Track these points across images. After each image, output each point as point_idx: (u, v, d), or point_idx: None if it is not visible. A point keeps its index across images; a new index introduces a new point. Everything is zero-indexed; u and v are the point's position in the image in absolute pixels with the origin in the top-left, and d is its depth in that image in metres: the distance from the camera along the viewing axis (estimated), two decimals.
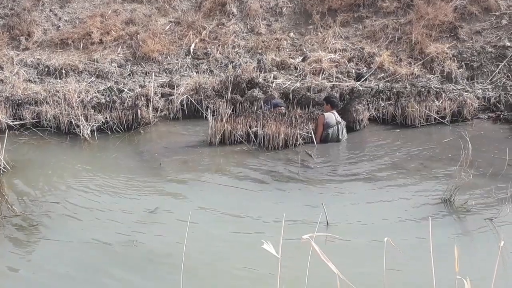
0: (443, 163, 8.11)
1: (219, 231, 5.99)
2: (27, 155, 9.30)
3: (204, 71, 12.20)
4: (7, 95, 11.14)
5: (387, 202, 6.79)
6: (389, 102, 10.58)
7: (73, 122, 10.26)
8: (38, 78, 12.01)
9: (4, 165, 8.14)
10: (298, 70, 11.92)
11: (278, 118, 9.61)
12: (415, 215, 6.27)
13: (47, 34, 13.29)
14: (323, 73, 11.67)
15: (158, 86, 11.63)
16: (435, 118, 10.17)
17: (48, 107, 10.66)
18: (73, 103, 10.59)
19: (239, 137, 9.44)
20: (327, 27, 12.88)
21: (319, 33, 12.78)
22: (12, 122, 10.62)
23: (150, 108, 10.88)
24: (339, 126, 9.52)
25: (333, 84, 11.27)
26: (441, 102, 10.33)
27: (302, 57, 12.29)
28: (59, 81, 11.84)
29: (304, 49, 12.51)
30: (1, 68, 12.17)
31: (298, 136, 9.24)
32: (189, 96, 11.20)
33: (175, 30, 13.25)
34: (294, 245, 3.64)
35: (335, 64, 11.89)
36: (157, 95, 11.39)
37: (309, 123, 9.60)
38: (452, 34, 12.20)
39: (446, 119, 10.17)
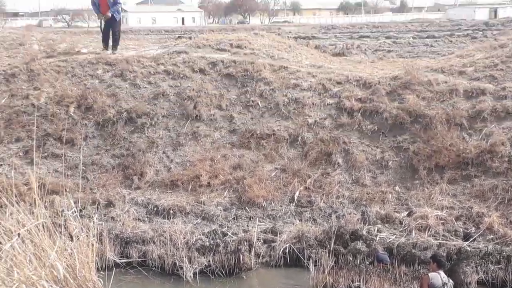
0: None
1: None
2: None
3: (307, 220, 12.22)
4: (117, 232, 11.53)
5: None
6: (499, 266, 10.11)
7: (177, 263, 10.43)
8: (147, 217, 12.41)
9: None
10: (403, 225, 11.71)
11: (381, 274, 9.38)
12: None
13: (158, 175, 13.87)
14: (429, 230, 11.39)
15: (261, 232, 11.71)
16: None
17: (155, 246, 10.94)
18: (178, 244, 10.82)
19: None
20: (434, 183, 12.75)
21: (426, 189, 12.65)
22: (119, 260, 10.92)
23: (252, 253, 10.93)
24: (446, 287, 9.08)
25: (440, 243, 10.94)
26: None
27: (407, 212, 12.12)
28: (166, 221, 12.17)
29: (410, 204, 12.36)
30: (113, 206, 12.69)
31: None
32: (291, 244, 11.19)
33: (281, 177, 13.50)
34: None
35: (442, 221, 11.61)
36: (260, 241, 11.45)
37: (414, 282, 9.29)
38: None
39: None
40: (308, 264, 10.09)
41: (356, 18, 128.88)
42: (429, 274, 9.16)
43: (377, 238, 11.18)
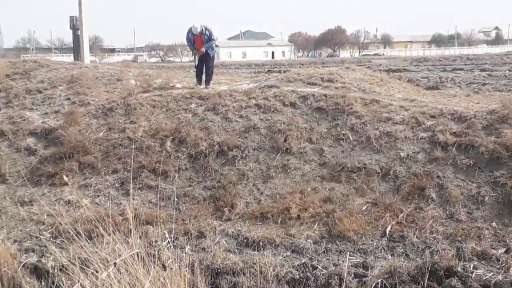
0: None
1: None
2: None
3: (399, 255, 11.93)
4: (208, 263, 11.64)
5: None
6: None
7: None
8: (237, 248, 12.49)
9: None
10: (500, 262, 11.22)
11: None
12: None
13: (248, 207, 13.97)
14: None
15: (351, 266, 11.52)
16: None
17: (245, 278, 10.95)
18: (268, 276, 10.79)
19: None
20: None
21: None
22: None
23: (343, 287, 10.74)
24: None
25: None
26: None
27: (505, 249, 11.62)
28: (256, 253, 12.20)
29: (508, 241, 11.85)
30: (204, 237, 12.86)
31: None
32: (383, 280, 10.93)
33: (372, 211, 13.30)
34: None
35: None
36: (350, 275, 11.26)
37: None
38: None
39: None
40: None
41: (449, 51, 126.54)
42: None
43: (473, 275, 10.75)
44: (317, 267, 11.51)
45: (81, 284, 8.20)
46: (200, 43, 19.36)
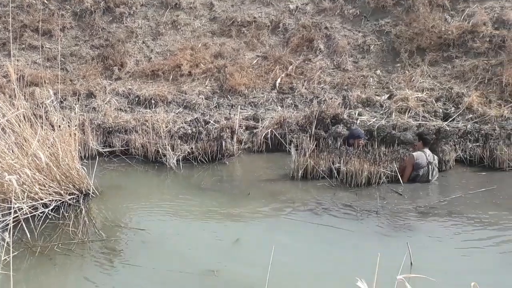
0: None
1: (304, 269, 5.94)
2: (115, 181, 9.56)
3: (289, 106, 12.27)
4: (99, 122, 11.55)
5: (475, 243, 6.56)
6: (477, 144, 10.28)
7: (160, 151, 10.53)
8: (129, 107, 12.41)
9: (94, 190, 8.40)
10: (383, 108, 11.79)
11: (361, 155, 9.52)
12: (506, 259, 6.03)
13: (139, 65, 13.74)
14: (409, 111, 11.49)
15: (243, 119, 11.77)
16: None
17: (137, 135, 10.99)
18: (160, 132, 10.88)
19: (321, 172, 9.40)
20: (415, 65, 12.71)
21: (407, 72, 12.62)
22: (102, 149, 11.01)
23: (235, 140, 11.02)
24: (430, 166, 9.18)
25: (419, 123, 11.06)
26: None
27: (388, 95, 12.17)
28: (148, 110, 12.18)
29: (391, 87, 12.38)
30: (94, 97, 12.64)
31: (382, 175, 9.10)
32: (273, 130, 11.27)
33: (262, 65, 13.42)
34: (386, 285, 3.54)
35: (422, 103, 11.68)
36: (242, 128, 11.53)
37: (393, 162, 9.44)
38: None
39: None
40: (290, 149, 10.17)
41: None
42: (414, 153, 9.28)
43: (358, 121, 11.27)
44: (209, 122, 11.66)
45: None
46: None
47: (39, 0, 15.00)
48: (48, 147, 8.50)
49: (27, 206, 7.25)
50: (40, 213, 7.37)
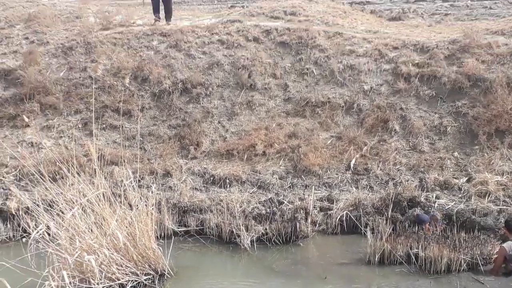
0: None
1: None
2: (190, 262, 9.61)
3: (364, 187, 12.13)
4: (175, 202, 11.71)
5: None
6: None
7: (234, 232, 10.56)
8: (204, 186, 12.54)
9: (169, 271, 8.45)
10: (462, 191, 11.49)
11: (440, 240, 9.27)
12: None
13: (214, 145, 13.95)
14: (489, 196, 11.16)
15: (317, 200, 11.71)
16: None
17: (212, 215, 11.08)
18: (235, 212, 10.93)
19: (399, 257, 9.18)
20: (494, 148, 12.40)
21: (485, 154, 12.32)
22: (178, 228, 11.12)
23: (309, 221, 10.95)
24: None
25: (500, 208, 10.71)
26: None
27: (466, 178, 11.88)
28: (223, 190, 12.28)
29: (469, 170, 12.08)
30: (170, 176, 12.85)
31: (463, 261, 8.79)
32: (348, 212, 11.16)
33: (336, 145, 13.39)
34: None
35: (503, 187, 11.33)
36: (316, 209, 11.46)
37: (474, 248, 9.12)
38: None
39: None
40: (365, 231, 10.03)
41: None
42: (505, 245, 8.86)
43: (436, 205, 11.03)
44: (283, 202, 11.65)
45: (46, 225, 8.20)
46: None
47: (120, 82, 15.59)
48: (126, 227, 8.67)
49: (104, 286, 7.35)
50: None
